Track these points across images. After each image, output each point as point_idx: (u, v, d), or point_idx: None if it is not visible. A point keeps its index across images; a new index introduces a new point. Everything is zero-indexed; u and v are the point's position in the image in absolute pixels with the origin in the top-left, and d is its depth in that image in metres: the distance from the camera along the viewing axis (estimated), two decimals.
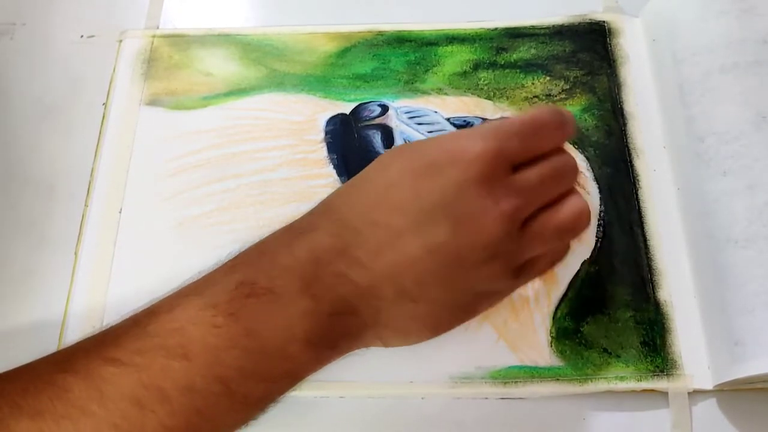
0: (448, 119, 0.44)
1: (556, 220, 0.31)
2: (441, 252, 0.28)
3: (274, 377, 0.27)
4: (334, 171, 0.42)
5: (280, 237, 0.30)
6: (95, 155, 0.43)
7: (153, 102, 0.45)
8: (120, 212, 0.41)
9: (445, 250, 0.28)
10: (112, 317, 0.38)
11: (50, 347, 0.38)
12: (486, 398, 0.37)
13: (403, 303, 0.29)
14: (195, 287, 0.28)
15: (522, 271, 0.32)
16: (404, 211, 0.28)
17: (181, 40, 0.47)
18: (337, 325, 0.28)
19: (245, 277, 0.28)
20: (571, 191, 0.33)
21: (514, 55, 0.46)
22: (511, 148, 0.30)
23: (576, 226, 0.32)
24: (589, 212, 0.32)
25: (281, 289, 0.27)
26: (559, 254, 0.34)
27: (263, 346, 0.27)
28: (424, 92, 0.45)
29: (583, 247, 0.40)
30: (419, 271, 0.28)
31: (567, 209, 0.32)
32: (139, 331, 0.26)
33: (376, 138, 0.43)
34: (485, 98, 0.45)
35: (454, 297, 0.30)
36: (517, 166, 0.31)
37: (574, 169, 0.33)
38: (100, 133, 0.44)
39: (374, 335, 0.30)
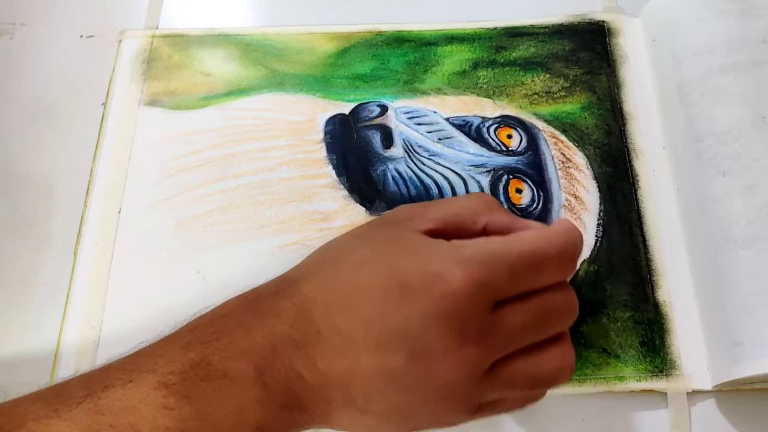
0: (447, 119, 0.44)
1: (531, 371, 0.28)
2: (394, 379, 0.27)
3: None
4: (334, 171, 0.42)
5: (240, 314, 0.29)
6: (95, 155, 0.43)
7: (152, 102, 0.45)
8: (119, 212, 0.41)
9: (397, 378, 0.27)
10: (111, 317, 0.39)
11: (49, 347, 0.38)
12: None
13: (350, 411, 0.28)
14: (151, 360, 0.27)
15: (482, 408, 0.29)
16: (368, 327, 0.27)
17: (180, 40, 0.47)
18: (288, 418, 0.27)
19: (201, 357, 0.27)
20: (560, 336, 0.29)
21: (514, 54, 0.46)
22: (497, 284, 0.27)
23: (553, 381, 0.29)
24: (573, 368, 0.29)
25: (235, 374, 0.26)
26: (531, 399, 0.31)
27: (214, 430, 0.26)
28: (424, 92, 0.45)
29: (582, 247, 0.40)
30: (370, 388, 0.27)
31: (548, 362, 0.28)
32: (91, 406, 0.26)
33: (376, 138, 0.43)
34: (485, 97, 0.45)
35: (400, 417, 0.28)
36: (502, 301, 0.27)
37: (571, 312, 0.29)
38: (99, 133, 0.44)
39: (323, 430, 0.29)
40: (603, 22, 0.47)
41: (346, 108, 0.44)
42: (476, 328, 0.26)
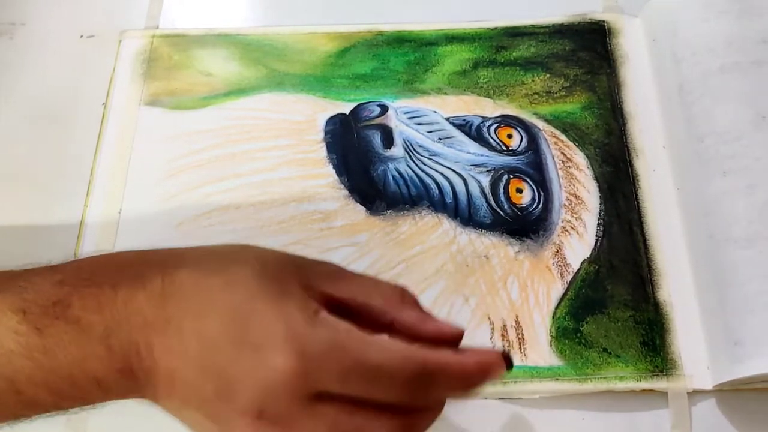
0: (447, 119, 0.44)
1: None
2: (199, 403, 0.27)
3: (63, 396, 0.27)
4: (334, 171, 0.42)
5: (120, 271, 0.29)
6: (95, 155, 0.43)
7: (153, 102, 0.45)
8: (120, 212, 0.41)
9: (201, 406, 0.27)
10: None
11: None
12: (485, 398, 0.37)
13: (174, 404, 0.28)
14: (22, 283, 0.28)
15: None
16: (202, 345, 0.27)
17: (180, 40, 0.47)
18: (124, 383, 0.28)
19: (64, 296, 0.27)
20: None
21: (514, 53, 0.46)
22: (322, 379, 0.26)
23: None
24: None
25: (86, 324, 0.27)
26: None
27: (56, 367, 0.27)
28: (424, 92, 0.45)
29: (583, 247, 0.40)
30: (186, 397, 0.27)
31: None
32: None
33: (376, 138, 0.43)
34: (485, 96, 0.45)
35: None
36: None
37: None
38: (99, 133, 0.44)
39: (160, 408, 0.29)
40: (603, 22, 0.47)
41: (346, 108, 0.44)
42: (279, 412, 0.26)
